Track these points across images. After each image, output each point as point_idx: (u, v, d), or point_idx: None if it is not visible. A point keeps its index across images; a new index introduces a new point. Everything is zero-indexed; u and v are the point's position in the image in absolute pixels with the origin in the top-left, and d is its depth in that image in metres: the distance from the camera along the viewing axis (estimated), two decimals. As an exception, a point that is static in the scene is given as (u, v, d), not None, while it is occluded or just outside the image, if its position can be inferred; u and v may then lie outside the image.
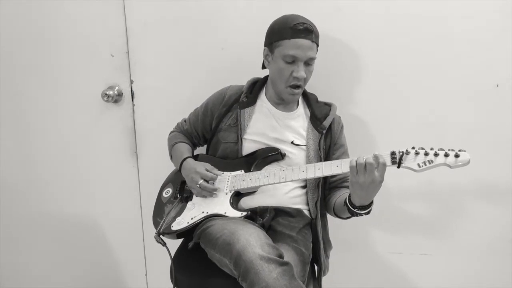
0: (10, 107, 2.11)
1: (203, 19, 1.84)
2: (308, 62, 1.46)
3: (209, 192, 1.49)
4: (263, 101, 1.59)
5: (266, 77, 1.61)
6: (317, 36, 1.46)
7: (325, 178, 1.58)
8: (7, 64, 2.06)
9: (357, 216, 1.40)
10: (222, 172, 1.55)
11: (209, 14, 1.83)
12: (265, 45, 1.51)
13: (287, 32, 1.42)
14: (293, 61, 1.44)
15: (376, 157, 1.26)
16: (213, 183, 1.51)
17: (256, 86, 1.61)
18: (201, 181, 1.48)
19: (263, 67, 1.57)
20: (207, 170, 1.51)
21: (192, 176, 1.51)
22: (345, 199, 1.39)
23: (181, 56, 1.89)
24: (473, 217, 1.80)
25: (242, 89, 1.61)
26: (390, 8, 1.69)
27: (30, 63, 2.03)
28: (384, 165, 1.26)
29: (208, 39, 1.85)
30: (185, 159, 1.58)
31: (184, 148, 1.64)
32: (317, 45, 1.48)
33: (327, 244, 1.60)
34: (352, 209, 1.37)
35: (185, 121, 1.73)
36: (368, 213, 1.37)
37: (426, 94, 1.73)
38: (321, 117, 1.57)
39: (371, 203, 1.36)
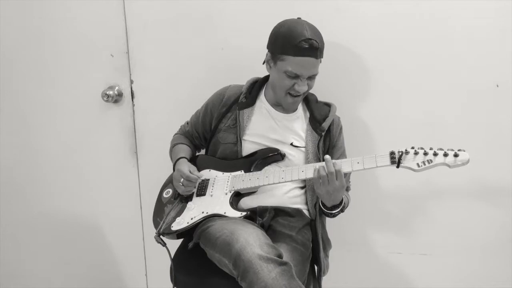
0: (10, 107, 2.11)
1: (203, 19, 1.84)
2: (311, 77, 1.44)
3: (184, 191, 1.51)
4: (262, 102, 1.59)
5: (266, 78, 1.60)
6: (322, 51, 1.43)
7: None
8: (7, 64, 2.06)
9: (333, 216, 1.48)
10: (217, 172, 1.56)
11: (209, 14, 1.83)
12: (268, 49, 1.48)
13: (292, 49, 1.37)
14: (295, 76, 1.42)
15: (333, 166, 1.33)
16: (199, 176, 1.53)
17: (255, 87, 1.60)
18: (182, 179, 1.50)
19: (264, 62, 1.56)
20: (190, 172, 1.51)
21: (174, 174, 1.54)
22: (320, 202, 1.47)
23: (181, 56, 1.89)
24: (473, 217, 1.80)
25: (241, 89, 1.61)
26: (389, 9, 1.69)
27: (30, 63, 2.03)
28: (340, 171, 1.33)
29: (208, 39, 1.85)
30: (179, 159, 1.59)
31: (180, 149, 1.65)
32: (322, 57, 1.45)
33: (327, 242, 1.60)
34: (326, 211, 1.46)
35: (187, 123, 1.74)
36: (341, 211, 1.46)
37: (426, 94, 1.73)
38: (321, 119, 1.56)
39: (342, 202, 1.44)
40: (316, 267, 1.60)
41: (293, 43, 1.37)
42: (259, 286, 1.16)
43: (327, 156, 1.35)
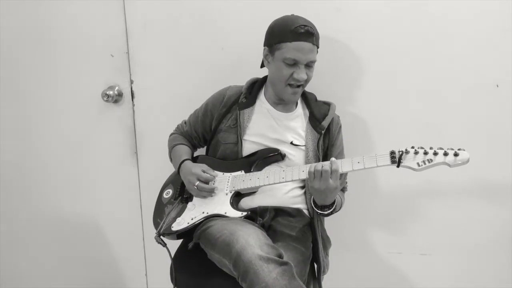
0: (10, 107, 2.11)
1: (203, 19, 1.84)
2: (309, 65, 1.46)
3: (208, 193, 1.49)
4: (262, 101, 1.59)
5: (265, 77, 1.61)
6: (317, 39, 1.46)
7: None
8: (7, 64, 2.06)
9: (323, 215, 1.48)
10: (218, 172, 1.55)
11: (209, 14, 1.83)
12: (265, 45, 1.51)
13: (288, 35, 1.41)
14: (293, 63, 1.43)
15: (331, 164, 1.32)
16: (213, 183, 1.52)
17: (255, 87, 1.61)
18: (198, 182, 1.48)
19: (262, 65, 1.57)
20: (204, 171, 1.51)
21: (189, 178, 1.51)
22: (312, 197, 1.46)
23: (181, 56, 1.89)
24: (473, 217, 1.80)
25: (241, 89, 1.61)
26: (389, 8, 1.69)
27: (30, 63, 2.03)
28: (337, 171, 1.32)
29: (208, 39, 1.85)
30: (183, 161, 1.58)
31: (182, 151, 1.64)
32: (318, 47, 1.48)
33: (326, 241, 1.60)
34: (315, 208, 1.45)
35: (185, 122, 1.73)
36: (331, 213, 1.45)
37: (425, 94, 1.73)
38: (320, 117, 1.57)
39: (333, 204, 1.43)
40: (316, 266, 1.60)
41: (289, 29, 1.41)
42: (260, 286, 1.16)
43: (332, 158, 1.36)
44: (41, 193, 2.18)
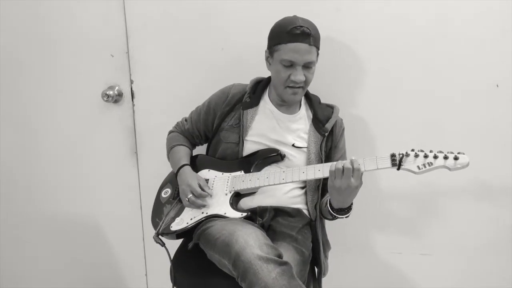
0: (10, 107, 2.11)
1: (203, 19, 1.84)
2: (307, 66, 1.44)
3: (197, 207, 1.49)
4: (266, 102, 1.59)
5: (269, 78, 1.60)
6: (316, 39, 1.45)
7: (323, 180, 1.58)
8: (7, 64, 2.06)
9: (336, 218, 1.47)
10: (217, 172, 1.55)
11: (209, 14, 1.83)
12: (267, 47, 1.51)
13: (284, 36, 1.41)
14: (291, 65, 1.43)
15: (352, 163, 1.30)
16: (210, 194, 1.50)
17: (259, 87, 1.60)
18: (190, 195, 1.47)
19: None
20: (200, 186, 1.49)
21: (183, 188, 1.51)
22: (327, 200, 1.45)
23: (181, 56, 1.89)
24: (473, 217, 1.80)
25: (245, 88, 1.60)
26: (389, 9, 1.69)
27: (30, 63, 2.03)
28: (359, 170, 1.30)
29: (208, 39, 1.85)
30: (182, 166, 1.57)
31: (182, 153, 1.63)
32: (317, 48, 1.46)
33: (326, 244, 1.60)
34: (331, 211, 1.44)
35: (186, 120, 1.72)
36: (347, 216, 1.44)
37: (426, 95, 1.73)
38: (324, 120, 1.56)
39: (350, 207, 1.42)
40: (316, 269, 1.60)
41: (285, 31, 1.41)
42: (259, 286, 1.16)
43: (352, 157, 1.33)
44: (41, 193, 2.18)
